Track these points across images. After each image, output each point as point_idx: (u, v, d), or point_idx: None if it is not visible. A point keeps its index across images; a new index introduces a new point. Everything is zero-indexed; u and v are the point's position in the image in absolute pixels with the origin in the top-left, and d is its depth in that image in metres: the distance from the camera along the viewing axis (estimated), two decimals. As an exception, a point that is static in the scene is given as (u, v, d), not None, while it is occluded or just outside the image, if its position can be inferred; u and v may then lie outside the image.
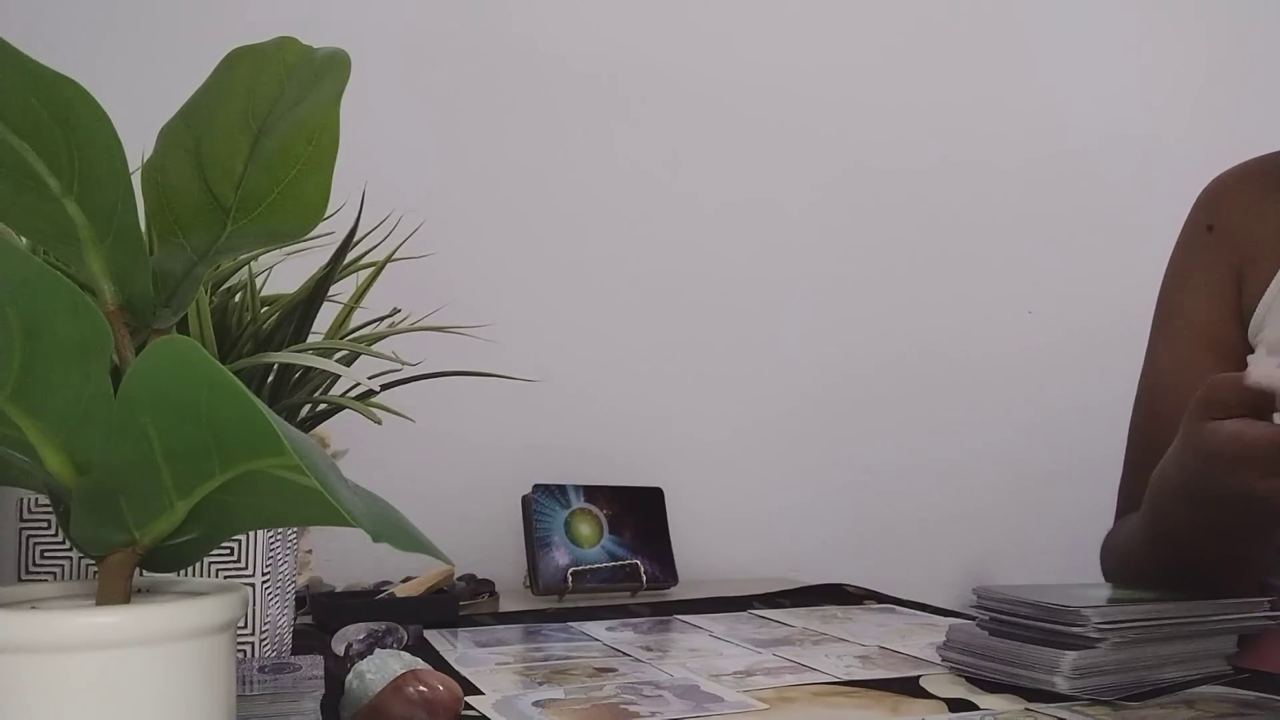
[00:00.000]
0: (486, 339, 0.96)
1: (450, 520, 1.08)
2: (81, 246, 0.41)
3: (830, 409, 1.45)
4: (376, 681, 0.59)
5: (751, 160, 1.44)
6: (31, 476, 0.40)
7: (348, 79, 0.42)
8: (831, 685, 0.71)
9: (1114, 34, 1.62)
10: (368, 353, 0.78)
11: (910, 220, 1.51)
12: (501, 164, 1.33)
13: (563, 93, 1.36)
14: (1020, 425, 1.53)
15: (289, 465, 0.35)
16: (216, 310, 0.76)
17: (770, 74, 1.45)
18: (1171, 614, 0.69)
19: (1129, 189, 1.58)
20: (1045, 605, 0.68)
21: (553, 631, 0.93)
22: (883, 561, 1.39)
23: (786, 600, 1.10)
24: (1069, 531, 1.29)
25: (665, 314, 1.39)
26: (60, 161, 0.39)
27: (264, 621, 0.71)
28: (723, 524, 1.38)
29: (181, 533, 0.39)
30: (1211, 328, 0.93)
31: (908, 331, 1.50)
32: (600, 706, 0.65)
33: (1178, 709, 0.64)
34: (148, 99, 0.62)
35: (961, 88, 1.54)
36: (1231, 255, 0.93)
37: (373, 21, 1.29)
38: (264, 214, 0.44)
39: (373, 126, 1.24)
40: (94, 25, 1.19)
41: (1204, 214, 0.97)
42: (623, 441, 1.34)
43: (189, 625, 0.38)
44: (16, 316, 0.35)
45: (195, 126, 0.43)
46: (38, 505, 0.69)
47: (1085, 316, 1.55)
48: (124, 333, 0.42)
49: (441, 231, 1.08)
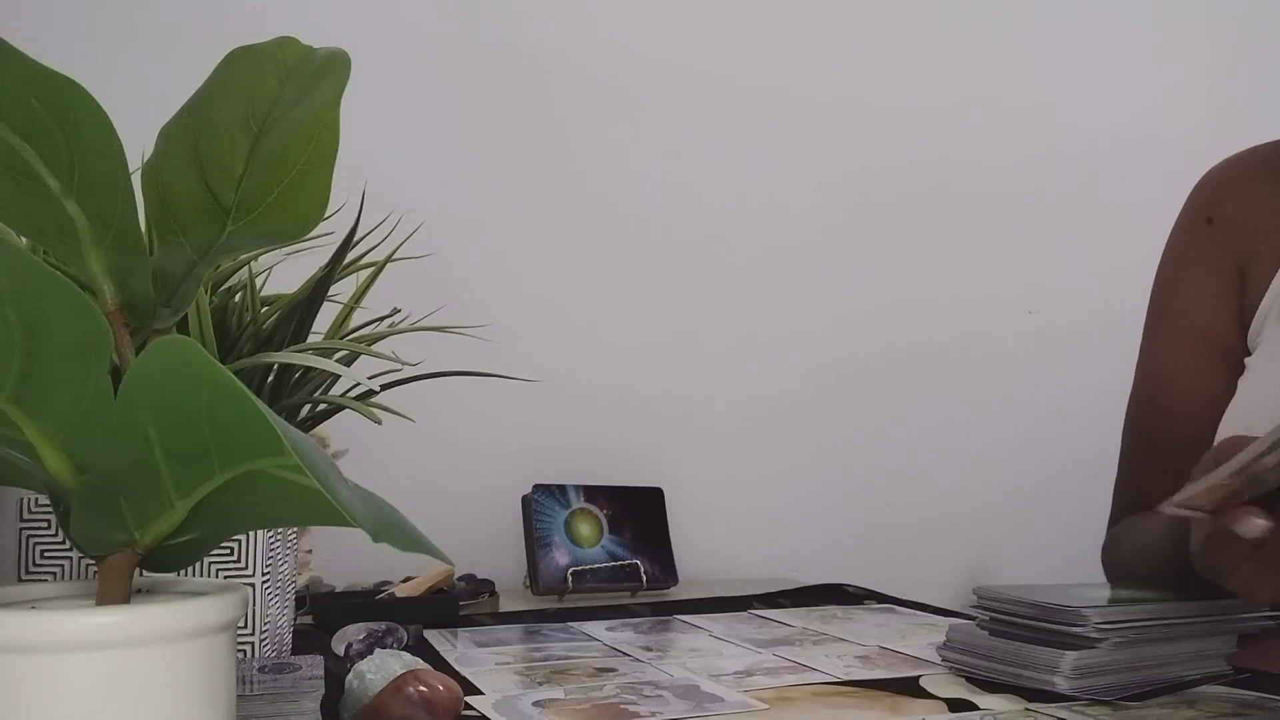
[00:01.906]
0: (486, 339, 0.96)
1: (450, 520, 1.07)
2: (81, 246, 0.41)
3: (830, 409, 1.45)
4: (376, 681, 0.59)
5: (752, 161, 1.44)
6: (31, 476, 0.40)
7: (348, 79, 0.42)
8: (831, 685, 0.71)
9: (1115, 35, 1.62)
10: (368, 353, 0.78)
11: (910, 220, 1.51)
12: (501, 164, 1.33)
13: (563, 92, 1.36)
14: (1020, 425, 1.53)
15: (289, 465, 0.35)
16: (216, 310, 0.76)
17: (772, 74, 1.45)
18: (1171, 614, 0.69)
19: (1129, 189, 1.58)
20: (1045, 605, 0.68)
21: (553, 631, 0.93)
22: (883, 561, 1.39)
23: (786, 600, 1.10)
24: (1069, 531, 1.29)
25: (665, 314, 1.39)
26: (60, 161, 0.39)
27: (264, 621, 0.71)
28: (723, 524, 1.38)
29: (181, 533, 0.39)
30: (1209, 323, 0.91)
31: (907, 331, 1.50)
32: (600, 706, 0.65)
33: (1178, 709, 0.64)
34: (148, 99, 0.62)
35: (962, 88, 1.54)
36: (1232, 250, 0.91)
37: (373, 21, 1.29)
38: (264, 214, 0.44)
39: (373, 126, 1.24)
40: (94, 25, 1.19)
41: (1203, 206, 0.95)
42: (623, 441, 1.34)
43: (189, 625, 0.38)
44: (16, 316, 0.35)
45: (195, 126, 0.43)
46: (38, 505, 0.69)
47: (1085, 316, 1.55)
48: (124, 333, 0.42)
49: (441, 231, 1.08)
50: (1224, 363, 0.90)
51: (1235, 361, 0.89)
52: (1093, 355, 1.50)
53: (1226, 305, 0.91)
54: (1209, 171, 0.97)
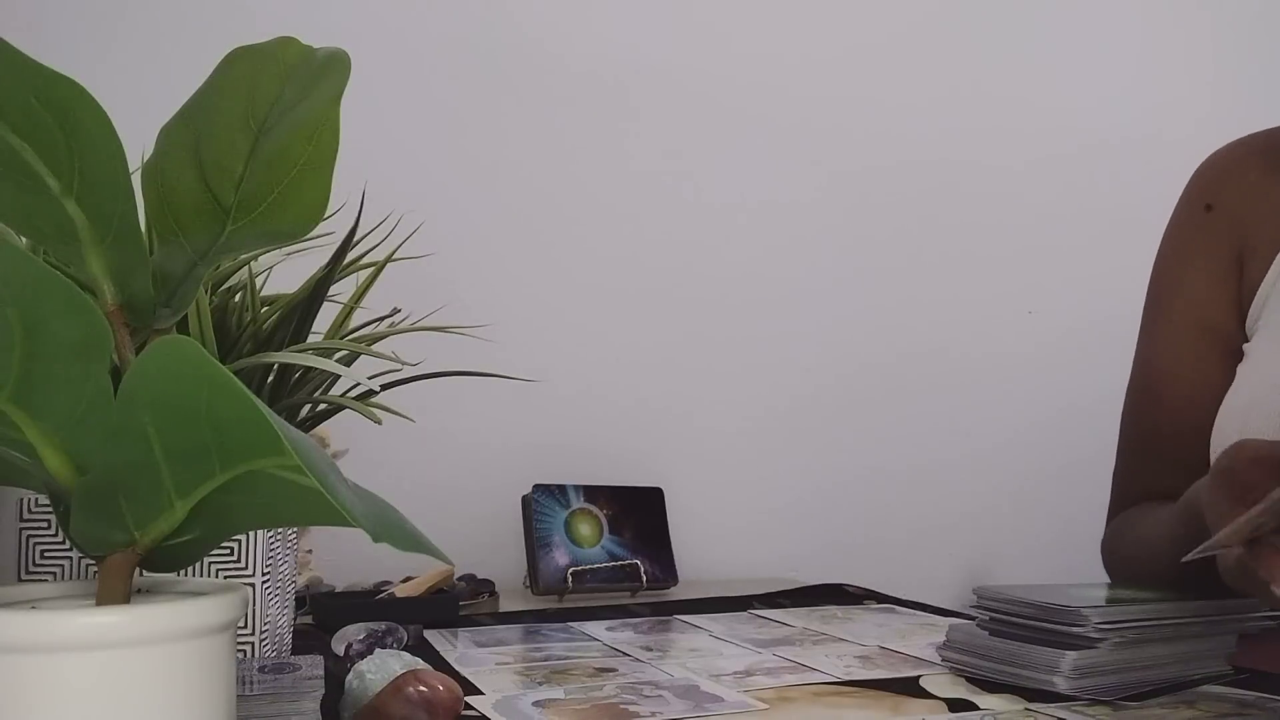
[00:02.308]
0: (486, 339, 0.96)
1: (450, 520, 1.07)
2: (81, 246, 0.41)
3: (830, 409, 1.45)
4: (376, 681, 0.59)
5: (752, 160, 1.44)
6: (31, 476, 0.40)
7: (348, 79, 0.42)
8: (831, 685, 0.71)
9: (1116, 34, 1.62)
10: (368, 353, 0.78)
11: (910, 220, 1.51)
12: (502, 164, 1.33)
13: (563, 92, 1.36)
14: (1020, 425, 1.53)
15: (289, 465, 0.35)
16: (216, 310, 0.76)
17: (772, 73, 1.45)
18: (1171, 614, 0.69)
19: (1130, 189, 1.58)
20: (1045, 605, 0.68)
21: (553, 631, 0.93)
22: (883, 561, 1.39)
23: (786, 600, 1.10)
24: (1069, 531, 1.29)
25: (665, 314, 1.39)
26: (60, 161, 0.39)
27: (264, 621, 0.71)
28: (723, 524, 1.38)
29: (181, 533, 0.39)
30: (1208, 312, 0.91)
31: (907, 331, 1.50)
32: (600, 706, 0.65)
33: (1178, 709, 0.64)
34: (148, 99, 0.62)
35: (963, 87, 1.54)
36: (1231, 237, 0.91)
37: (373, 21, 1.29)
38: (264, 214, 0.44)
39: (373, 126, 1.24)
40: (94, 25, 1.19)
41: (1202, 193, 0.94)
42: (623, 441, 1.34)
43: (189, 625, 0.38)
44: (16, 316, 0.35)
45: (195, 126, 0.43)
46: (38, 505, 0.69)
47: (1085, 316, 1.55)
48: (124, 333, 0.42)
49: (441, 231, 1.08)
50: (1221, 350, 0.90)
51: (1233, 349, 0.89)
52: (1093, 355, 1.50)
53: (1224, 292, 0.91)
54: (1208, 158, 0.96)
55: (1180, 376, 0.91)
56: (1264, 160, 0.92)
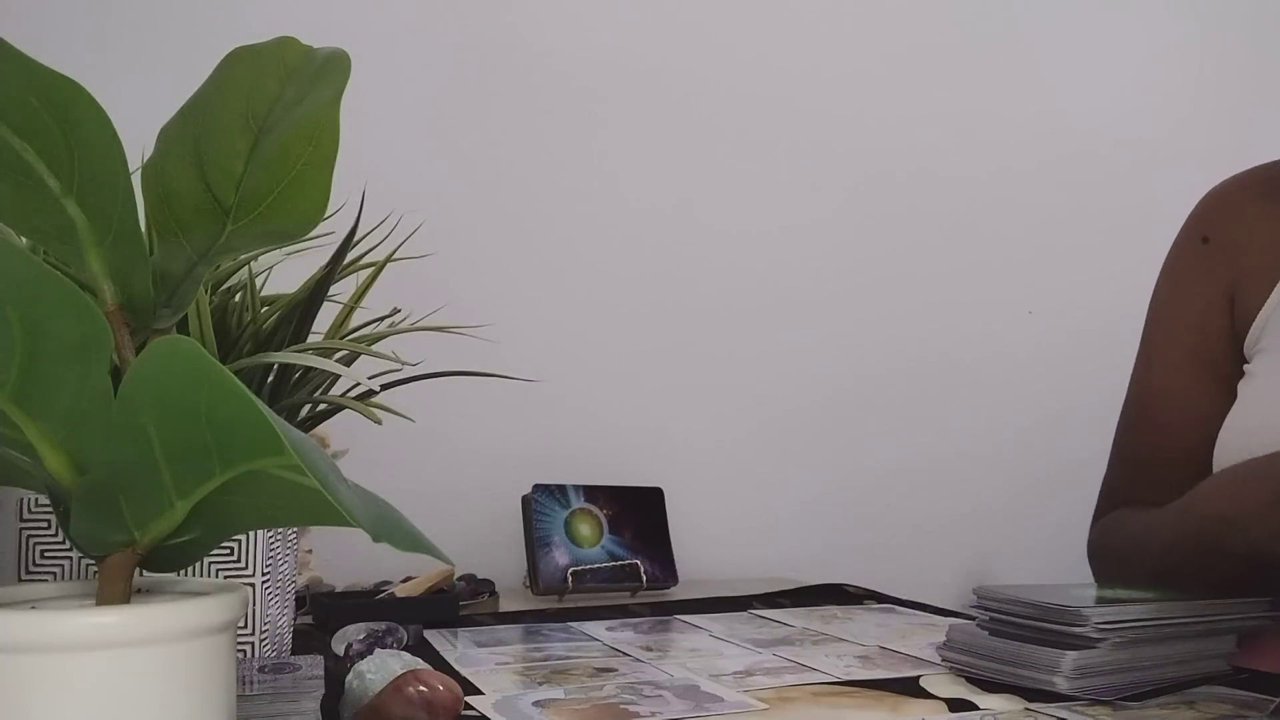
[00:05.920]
0: (486, 339, 0.96)
1: (450, 520, 1.07)
2: (81, 246, 0.41)
3: (830, 409, 1.45)
4: (376, 681, 0.59)
5: (752, 166, 1.44)
6: (31, 476, 0.40)
7: (348, 79, 0.42)
8: (831, 685, 0.71)
9: (1115, 40, 1.62)
10: (368, 353, 0.78)
11: (909, 223, 1.51)
12: (502, 165, 1.33)
13: (567, 94, 1.36)
14: (1020, 425, 1.53)
15: (289, 465, 0.35)
16: (216, 310, 0.76)
17: (771, 81, 1.45)
18: (1171, 614, 0.69)
19: (1129, 191, 1.58)
20: (1045, 605, 0.68)
21: (553, 631, 0.93)
22: (883, 562, 1.39)
23: (786, 600, 1.10)
24: (1069, 531, 1.29)
25: (666, 314, 1.39)
26: (60, 161, 0.39)
27: (264, 621, 0.71)
28: (722, 524, 1.38)
29: (181, 533, 0.39)
30: (1203, 339, 0.93)
31: (907, 332, 1.50)
32: (600, 706, 0.65)
33: (1178, 709, 0.64)
34: (148, 99, 0.62)
35: (961, 92, 1.54)
36: (1226, 269, 0.93)
37: (372, 22, 1.29)
38: (264, 214, 0.44)
39: (373, 126, 1.24)
40: (94, 25, 1.19)
41: (1200, 225, 0.96)
42: (623, 441, 1.34)
43: (189, 625, 0.38)
44: (16, 316, 0.35)
45: (195, 126, 0.43)
46: (38, 505, 0.69)
47: (1085, 317, 1.55)
48: (124, 333, 0.42)
49: (441, 231, 1.08)
50: (1213, 375, 0.91)
51: (1225, 375, 0.91)
52: (1093, 356, 1.50)
53: (1219, 321, 0.93)
54: (1211, 190, 0.98)
55: (1173, 399, 0.93)
56: (1260, 192, 0.94)
